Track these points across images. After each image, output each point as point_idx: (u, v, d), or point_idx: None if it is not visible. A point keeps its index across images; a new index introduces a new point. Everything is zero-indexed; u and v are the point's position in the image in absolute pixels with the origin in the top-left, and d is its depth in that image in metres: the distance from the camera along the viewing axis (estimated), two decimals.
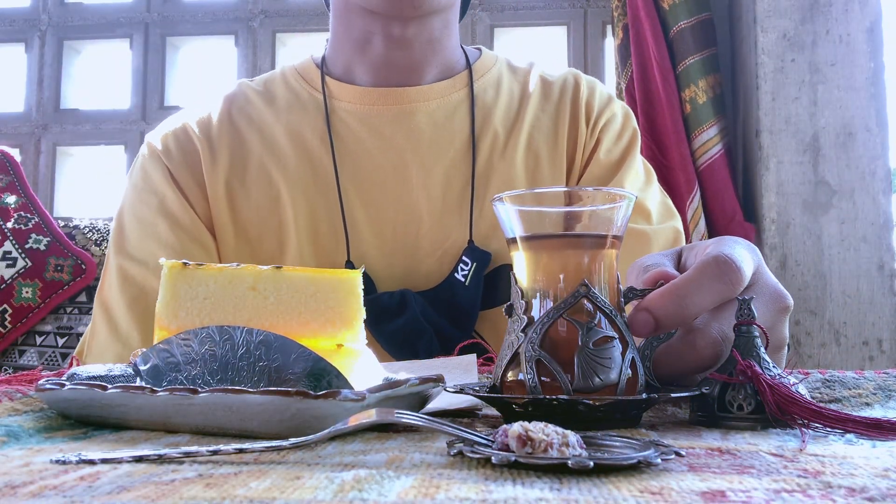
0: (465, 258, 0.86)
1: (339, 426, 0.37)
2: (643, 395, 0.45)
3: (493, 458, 0.32)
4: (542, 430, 0.33)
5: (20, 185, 1.73)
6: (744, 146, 1.92)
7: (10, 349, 1.62)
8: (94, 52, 2.43)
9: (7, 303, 1.61)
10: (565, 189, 0.80)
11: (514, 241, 0.49)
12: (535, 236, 0.49)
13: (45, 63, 2.33)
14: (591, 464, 0.31)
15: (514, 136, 0.91)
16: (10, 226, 1.66)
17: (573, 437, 0.33)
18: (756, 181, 1.83)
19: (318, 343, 0.48)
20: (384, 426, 0.43)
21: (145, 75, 2.30)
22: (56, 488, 0.29)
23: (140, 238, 0.87)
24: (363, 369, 0.49)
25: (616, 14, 2.03)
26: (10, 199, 1.70)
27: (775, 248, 1.77)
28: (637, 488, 0.29)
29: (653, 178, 0.96)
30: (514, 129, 0.92)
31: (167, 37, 2.32)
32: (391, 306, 0.83)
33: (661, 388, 0.49)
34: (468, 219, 0.88)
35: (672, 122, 1.89)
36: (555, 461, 0.31)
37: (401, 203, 0.88)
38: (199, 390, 0.41)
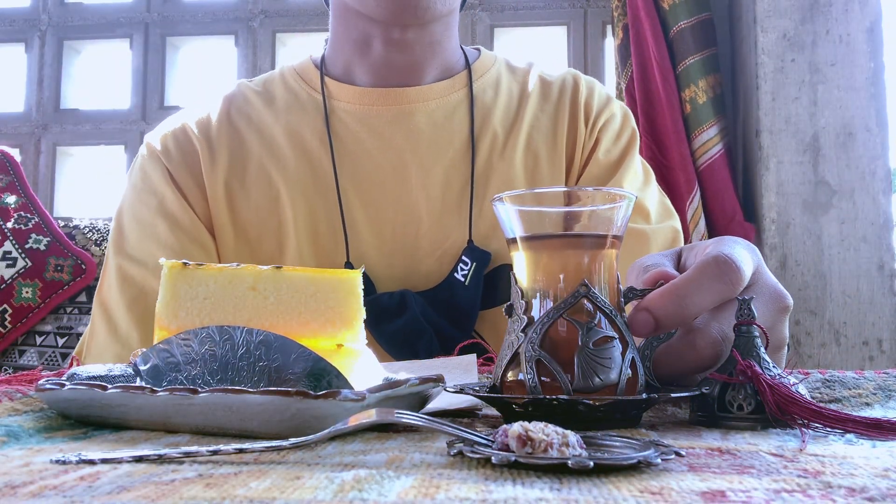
0: (464, 258, 0.86)
1: (339, 426, 0.37)
2: (643, 395, 0.45)
3: (493, 458, 0.32)
4: (542, 430, 0.33)
5: (20, 185, 1.73)
6: (744, 146, 1.92)
7: (10, 349, 1.62)
8: (94, 52, 2.43)
9: (7, 303, 1.61)
10: (565, 189, 0.80)
11: (514, 241, 0.49)
12: (535, 236, 0.49)
13: (45, 63, 2.33)
14: (591, 464, 0.31)
15: (514, 136, 0.91)
16: (10, 226, 1.66)
17: (573, 437, 0.33)
18: (756, 181, 1.83)
19: (318, 343, 0.48)
20: (384, 426, 0.43)
21: (145, 75, 2.30)
22: (56, 488, 0.29)
23: (139, 238, 0.87)
24: (363, 369, 0.49)
25: (616, 14, 2.02)
26: (10, 199, 1.70)
27: (775, 248, 1.77)
28: (637, 488, 0.29)
29: (651, 177, 0.96)
30: (514, 129, 0.92)
31: (167, 37, 2.32)
32: (391, 307, 0.83)
33: (661, 388, 0.49)
34: (468, 219, 0.87)
35: (672, 122, 1.89)
36: (555, 461, 0.31)
37: (400, 203, 0.88)
38: (199, 390, 0.41)
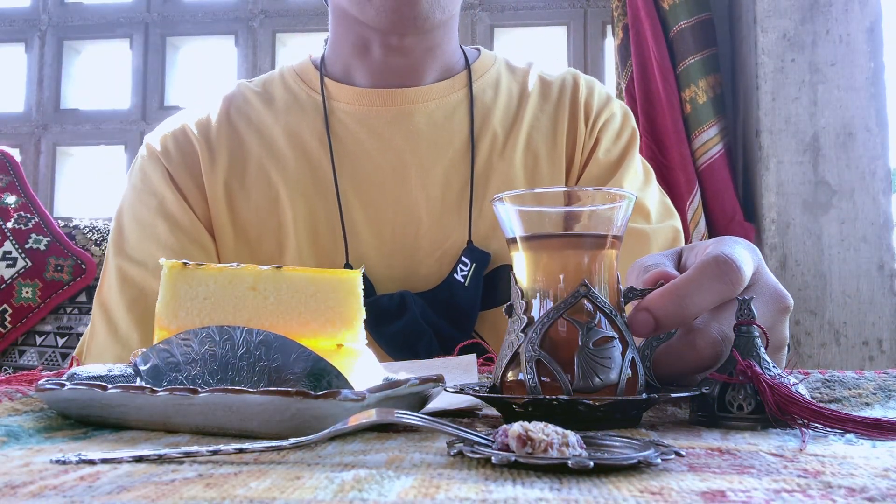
0: (464, 259, 0.85)
1: (339, 426, 0.37)
2: (643, 395, 0.45)
3: (493, 458, 0.32)
4: (542, 430, 0.33)
5: (20, 185, 1.73)
6: (744, 146, 1.92)
7: (10, 349, 1.62)
8: (94, 52, 2.43)
9: (7, 303, 1.61)
10: (565, 189, 0.80)
11: (514, 241, 0.49)
12: (535, 236, 0.49)
13: (45, 63, 2.33)
14: (591, 464, 0.31)
15: (513, 136, 0.91)
16: (10, 226, 1.66)
17: (573, 437, 0.33)
18: (756, 181, 1.83)
19: (318, 343, 0.48)
20: (384, 426, 0.43)
21: (145, 75, 2.30)
22: (56, 488, 0.29)
23: (139, 239, 0.87)
24: (363, 369, 0.49)
25: (616, 14, 2.02)
26: (10, 199, 1.70)
27: (775, 248, 1.77)
28: (637, 488, 0.29)
29: (651, 177, 0.96)
30: (513, 129, 0.91)
31: (167, 37, 2.32)
32: (391, 308, 0.83)
33: (661, 388, 0.49)
34: (467, 219, 0.87)
35: (672, 122, 1.89)
36: (555, 461, 0.31)
37: (400, 204, 0.88)
38: (199, 390, 0.41)
